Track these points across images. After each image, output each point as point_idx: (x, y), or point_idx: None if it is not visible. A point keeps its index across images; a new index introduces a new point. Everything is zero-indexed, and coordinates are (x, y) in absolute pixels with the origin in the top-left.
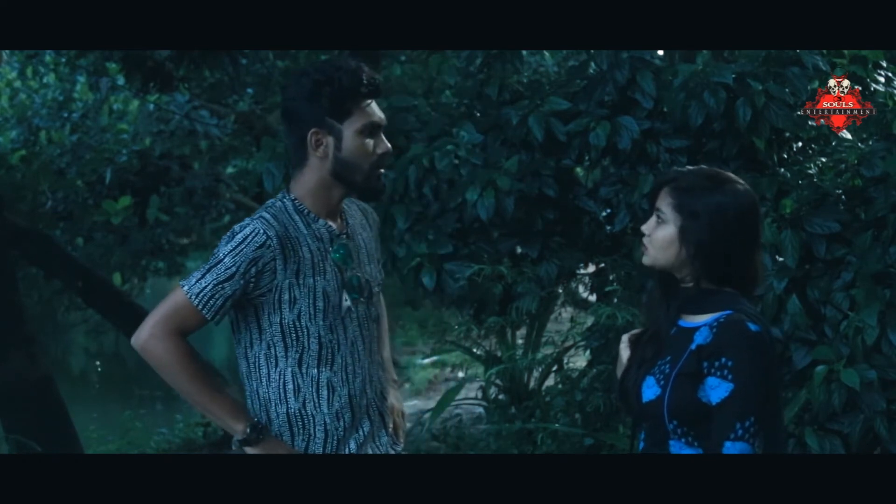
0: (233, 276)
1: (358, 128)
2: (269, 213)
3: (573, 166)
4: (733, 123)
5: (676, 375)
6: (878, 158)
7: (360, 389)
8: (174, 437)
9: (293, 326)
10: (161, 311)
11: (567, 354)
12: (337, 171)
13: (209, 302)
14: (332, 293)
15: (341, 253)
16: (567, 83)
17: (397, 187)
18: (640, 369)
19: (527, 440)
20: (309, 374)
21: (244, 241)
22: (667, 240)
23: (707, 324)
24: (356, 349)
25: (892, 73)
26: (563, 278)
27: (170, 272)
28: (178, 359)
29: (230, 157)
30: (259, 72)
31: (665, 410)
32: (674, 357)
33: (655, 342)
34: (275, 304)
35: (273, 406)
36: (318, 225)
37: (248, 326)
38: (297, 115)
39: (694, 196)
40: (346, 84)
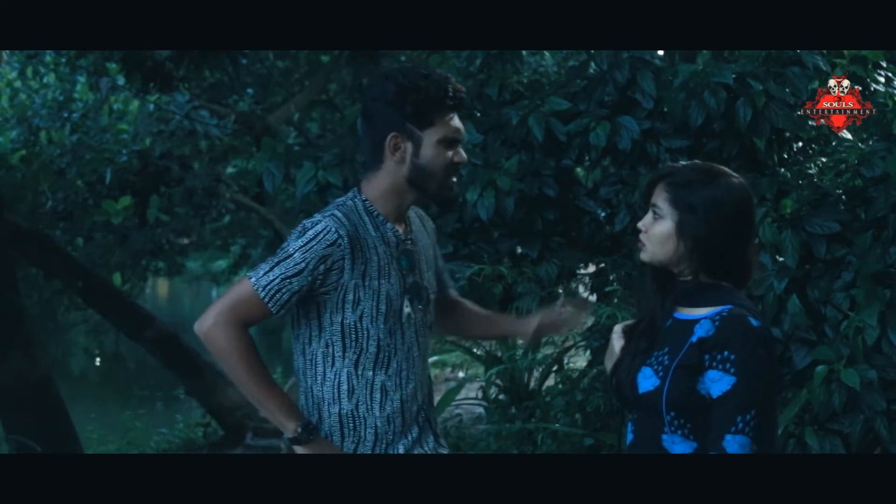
0: (301, 272)
1: (439, 138)
2: (340, 212)
3: (573, 166)
4: (733, 123)
5: (676, 367)
6: (879, 158)
7: (412, 395)
8: (174, 437)
9: (354, 327)
10: (226, 300)
11: (567, 354)
12: (412, 178)
13: (275, 296)
14: (394, 297)
15: (407, 259)
16: (567, 83)
17: None
18: (634, 360)
19: (527, 440)
20: (364, 377)
21: (315, 238)
22: (664, 235)
23: (707, 317)
24: (412, 355)
25: (892, 74)
26: (563, 278)
27: (170, 272)
28: (238, 349)
29: (230, 158)
30: (259, 72)
31: (663, 401)
32: (673, 349)
33: (650, 334)
34: (338, 304)
35: (326, 405)
36: (386, 228)
37: (308, 323)
38: (377, 117)
39: (689, 190)
40: (432, 94)
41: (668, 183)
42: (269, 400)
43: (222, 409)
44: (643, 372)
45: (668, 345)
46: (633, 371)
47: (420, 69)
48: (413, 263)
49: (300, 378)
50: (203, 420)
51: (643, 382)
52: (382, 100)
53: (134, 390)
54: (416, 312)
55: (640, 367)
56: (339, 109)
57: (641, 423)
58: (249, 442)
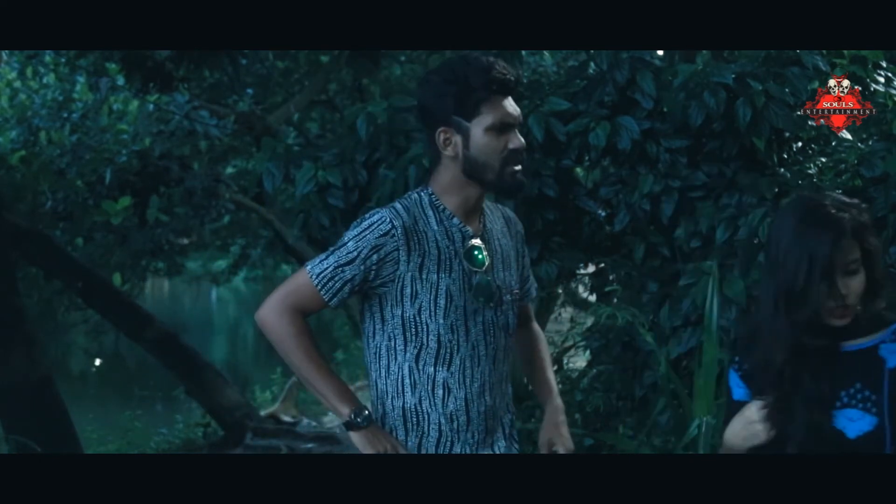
0: (353, 261)
1: (487, 125)
2: (401, 205)
3: (573, 166)
4: (733, 123)
5: (891, 397)
6: (878, 159)
7: (478, 394)
8: (174, 437)
9: (413, 321)
10: (284, 288)
11: (567, 355)
12: (468, 170)
13: (328, 283)
14: (455, 293)
15: (476, 255)
16: (567, 83)
17: (397, 187)
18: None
19: (527, 440)
20: (425, 372)
21: (369, 228)
22: (861, 284)
23: (885, 340)
24: (477, 353)
25: (892, 74)
26: (562, 278)
27: (170, 272)
28: (293, 334)
29: (230, 158)
30: (259, 72)
31: (888, 436)
32: (867, 382)
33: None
34: (397, 296)
35: (390, 399)
36: (452, 223)
37: (371, 316)
38: (427, 114)
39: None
40: (473, 82)
41: (854, 232)
42: (324, 384)
43: (222, 409)
44: (844, 415)
45: (857, 380)
46: (825, 421)
47: (465, 58)
48: (483, 260)
49: (368, 371)
50: (203, 420)
51: (852, 426)
52: (429, 95)
53: (134, 390)
54: (484, 311)
55: (832, 415)
56: (339, 109)
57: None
58: (249, 442)
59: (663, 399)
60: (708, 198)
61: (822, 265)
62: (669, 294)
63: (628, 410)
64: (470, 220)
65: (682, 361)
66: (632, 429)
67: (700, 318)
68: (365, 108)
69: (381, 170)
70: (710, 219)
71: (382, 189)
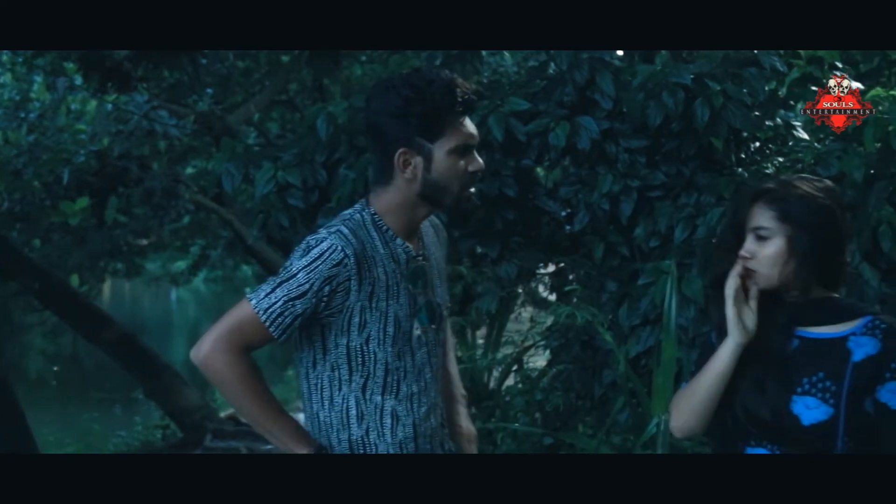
0: (305, 294)
1: (450, 147)
2: (347, 228)
3: (533, 166)
4: (691, 123)
5: (850, 391)
6: (834, 158)
7: (425, 418)
8: (133, 439)
9: (360, 350)
10: (225, 324)
11: (527, 354)
12: (425, 193)
13: (278, 319)
14: (403, 319)
15: (419, 276)
16: (527, 83)
17: (357, 187)
18: (781, 390)
19: (487, 440)
20: (373, 401)
21: (320, 258)
22: (776, 255)
23: (855, 332)
24: (423, 377)
25: (848, 74)
26: (522, 278)
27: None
28: (241, 376)
29: (190, 158)
30: (219, 72)
31: (841, 429)
32: (831, 372)
33: (778, 361)
34: (343, 326)
35: (335, 432)
36: (396, 245)
37: (311, 345)
38: (382, 132)
39: (795, 203)
40: (440, 101)
41: (769, 200)
42: (277, 427)
43: (181, 410)
44: (802, 402)
45: (821, 369)
46: (783, 403)
47: (424, 74)
48: (425, 281)
49: (305, 404)
50: (162, 422)
51: (808, 413)
52: (387, 113)
53: (92, 392)
54: (427, 333)
55: (790, 398)
56: (300, 109)
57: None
58: (209, 444)
59: (622, 398)
60: (666, 197)
61: (734, 222)
62: (628, 293)
63: (588, 409)
64: (410, 238)
65: (641, 360)
66: (591, 427)
67: (659, 317)
68: (325, 108)
69: (341, 170)
70: (669, 218)
71: (342, 189)
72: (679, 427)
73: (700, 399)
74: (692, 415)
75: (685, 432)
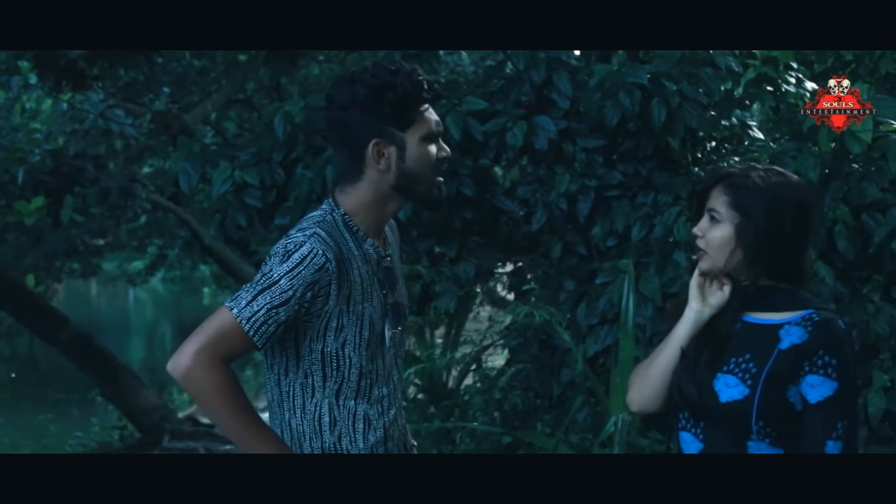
0: (288, 301)
1: (422, 135)
2: (323, 230)
3: (491, 166)
4: (648, 123)
5: (768, 375)
6: (790, 158)
7: (393, 421)
8: (90, 440)
9: (335, 355)
10: (205, 335)
11: (485, 353)
12: (400, 184)
13: (262, 328)
14: (377, 321)
15: (388, 277)
16: (484, 83)
17: (314, 187)
18: (708, 366)
19: (446, 439)
20: (346, 407)
21: (302, 263)
22: (724, 239)
23: (792, 322)
24: (391, 379)
25: (803, 74)
26: (481, 277)
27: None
28: (223, 390)
29: (146, 157)
30: (175, 70)
31: (754, 411)
32: (756, 355)
33: (714, 339)
34: (319, 331)
35: (308, 440)
36: (367, 245)
37: (284, 352)
38: (351, 126)
39: (749, 192)
40: (410, 89)
41: (727, 185)
42: (259, 441)
43: (139, 411)
44: (723, 380)
45: (748, 351)
46: (707, 379)
47: (386, 64)
48: (393, 281)
49: (275, 411)
50: (119, 423)
51: (726, 391)
52: (355, 106)
53: (48, 394)
54: (395, 335)
55: (715, 374)
56: (257, 109)
57: (717, 431)
58: (167, 444)
59: (580, 396)
60: (624, 197)
61: (697, 201)
62: (586, 292)
63: (546, 408)
64: (378, 238)
65: (599, 359)
66: (550, 426)
67: (616, 315)
68: (282, 107)
69: (299, 169)
70: (626, 218)
71: (300, 189)
72: (634, 399)
73: (655, 371)
74: (647, 386)
75: (640, 405)
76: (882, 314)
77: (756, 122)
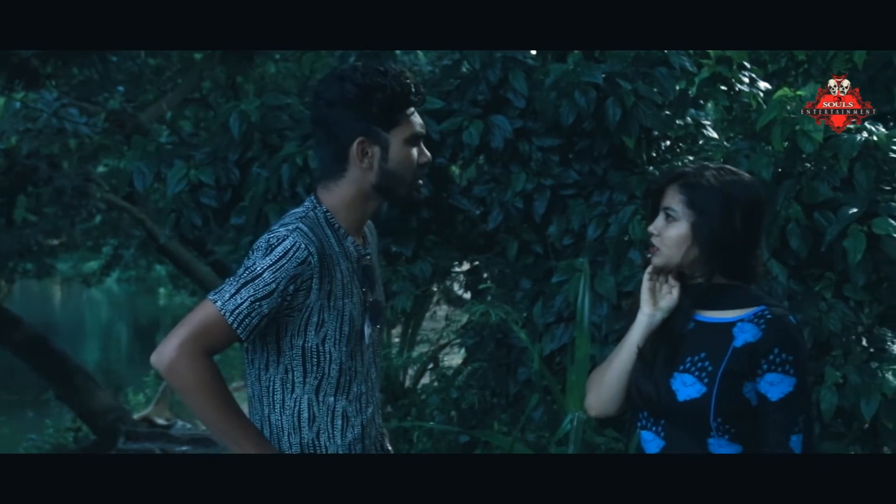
0: (272, 294)
1: (406, 137)
2: (305, 225)
3: (447, 165)
4: (603, 122)
5: (724, 373)
6: (743, 157)
7: (371, 419)
8: (44, 442)
9: (316, 351)
10: (189, 327)
11: (442, 352)
12: (381, 184)
13: (245, 321)
14: (357, 318)
15: (367, 275)
16: (440, 82)
17: (270, 186)
18: (665, 366)
19: (403, 438)
20: (325, 403)
21: (285, 256)
22: (680, 237)
23: (745, 319)
24: (370, 377)
25: (756, 74)
26: (437, 276)
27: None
28: (208, 383)
29: (101, 156)
30: (130, 69)
31: (712, 408)
32: (711, 353)
33: (669, 338)
34: (301, 326)
35: (286, 435)
36: (348, 242)
37: (265, 347)
38: (337, 123)
39: (704, 191)
40: (397, 90)
41: (682, 184)
42: (241, 434)
43: (93, 413)
44: (680, 379)
45: (703, 350)
46: (664, 378)
47: (375, 65)
48: (373, 279)
49: (255, 406)
50: (74, 425)
51: (683, 390)
52: (343, 103)
53: (1, 395)
54: (374, 333)
55: (671, 374)
56: (213, 107)
57: (677, 429)
58: (122, 446)
59: (537, 395)
60: (579, 196)
61: (652, 199)
62: (542, 291)
63: (503, 407)
64: (358, 236)
65: (556, 358)
66: (506, 425)
67: (572, 314)
68: (238, 106)
69: (254, 168)
70: (582, 217)
71: (255, 188)
72: (592, 404)
73: (611, 375)
74: (604, 390)
75: (599, 409)
76: (834, 311)
77: (710, 121)
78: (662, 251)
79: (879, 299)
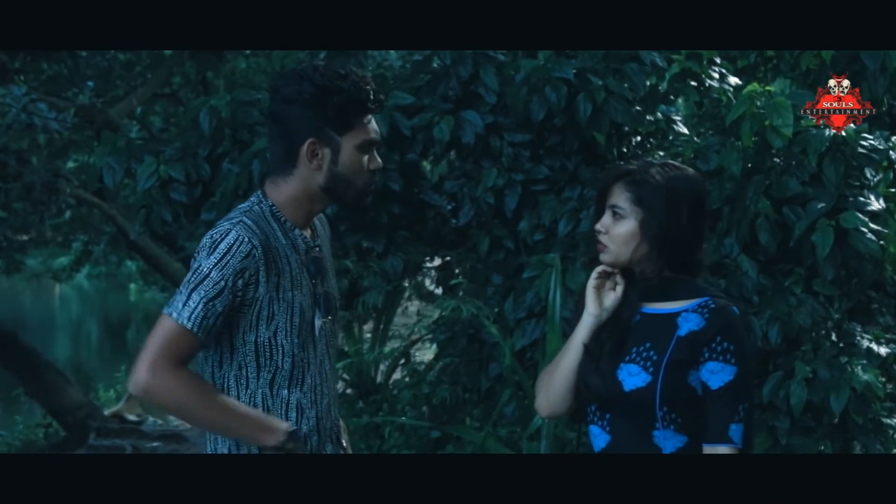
0: (222, 292)
1: (358, 143)
2: (249, 219)
3: (418, 160)
4: (574, 118)
5: (669, 362)
6: (713, 153)
7: (326, 411)
8: (14, 439)
9: (268, 344)
10: (153, 346)
11: (414, 348)
12: (329, 186)
13: (203, 322)
14: (307, 309)
15: (316, 266)
16: (411, 78)
17: (241, 181)
18: (611, 358)
19: (374, 434)
20: (279, 396)
21: (229, 252)
22: (628, 234)
23: (689, 309)
24: (323, 369)
25: (726, 70)
26: (408, 272)
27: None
28: (188, 391)
29: (70, 152)
30: (100, 64)
31: (657, 397)
32: (656, 343)
33: (616, 331)
34: (252, 321)
35: None
36: (295, 235)
37: (218, 345)
38: (291, 121)
39: (650, 188)
40: (355, 96)
41: (628, 182)
42: (244, 424)
43: (64, 409)
44: (626, 369)
45: (649, 340)
46: (611, 370)
47: (336, 68)
48: (322, 271)
49: None
50: (44, 421)
51: (629, 380)
52: (299, 102)
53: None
54: (326, 324)
55: (618, 365)
56: (183, 103)
57: (623, 421)
58: (93, 442)
59: (509, 390)
60: (550, 191)
61: (598, 197)
62: (514, 286)
63: (475, 402)
64: (306, 229)
65: (527, 353)
66: (478, 420)
67: (544, 309)
68: (208, 101)
69: (225, 164)
70: (553, 212)
71: (226, 184)
72: (542, 405)
73: (559, 375)
74: (553, 390)
75: (549, 410)
76: (804, 306)
77: (680, 116)
78: (611, 248)
79: (849, 295)
